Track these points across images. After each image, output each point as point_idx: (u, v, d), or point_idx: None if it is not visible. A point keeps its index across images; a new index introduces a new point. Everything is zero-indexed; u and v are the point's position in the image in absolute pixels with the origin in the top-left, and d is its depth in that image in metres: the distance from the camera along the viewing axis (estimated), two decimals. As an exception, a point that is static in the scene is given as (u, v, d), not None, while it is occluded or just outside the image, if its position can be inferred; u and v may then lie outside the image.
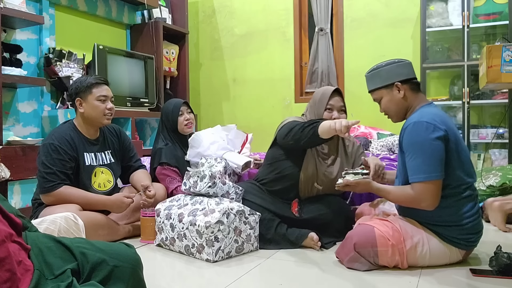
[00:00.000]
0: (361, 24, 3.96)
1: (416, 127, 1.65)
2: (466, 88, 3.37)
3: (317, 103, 2.16)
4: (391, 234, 1.69)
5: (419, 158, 1.63)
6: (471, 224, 1.69)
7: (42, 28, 3.15)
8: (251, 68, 4.44)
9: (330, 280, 1.69)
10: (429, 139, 1.62)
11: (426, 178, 1.62)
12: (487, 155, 3.37)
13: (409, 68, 1.81)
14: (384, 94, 1.82)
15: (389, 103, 1.82)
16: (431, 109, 1.74)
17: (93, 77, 2.29)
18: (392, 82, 1.78)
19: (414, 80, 1.81)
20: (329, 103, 2.13)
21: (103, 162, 2.32)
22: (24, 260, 0.99)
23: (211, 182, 2.07)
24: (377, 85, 1.82)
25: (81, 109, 2.24)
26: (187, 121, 2.75)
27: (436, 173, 1.61)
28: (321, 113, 2.13)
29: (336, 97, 2.15)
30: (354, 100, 3.97)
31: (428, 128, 1.63)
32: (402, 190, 1.71)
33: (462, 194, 1.69)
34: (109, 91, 2.30)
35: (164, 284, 1.69)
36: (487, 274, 1.65)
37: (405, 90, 1.79)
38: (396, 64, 1.79)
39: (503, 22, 3.31)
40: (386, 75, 1.79)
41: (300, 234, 2.05)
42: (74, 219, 1.49)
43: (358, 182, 1.79)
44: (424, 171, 1.62)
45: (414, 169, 1.64)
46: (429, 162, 1.61)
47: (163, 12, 4.20)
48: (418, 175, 1.63)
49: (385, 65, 1.81)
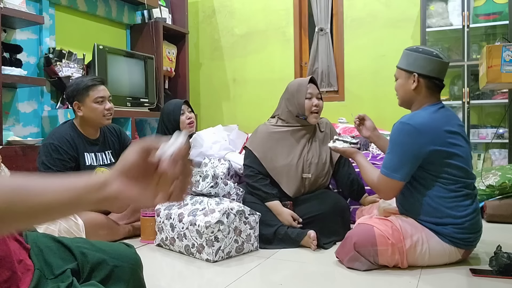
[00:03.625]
0: (361, 24, 3.96)
1: (401, 128, 1.71)
2: (466, 88, 3.37)
3: (296, 93, 2.26)
4: (391, 233, 1.70)
5: (391, 155, 1.73)
6: (468, 223, 1.69)
7: (42, 28, 3.15)
8: (251, 68, 4.44)
9: (330, 280, 1.69)
10: (406, 143, 1.69)
11: (387, 174, 1.73)
12: (487, 155, 3.37)
13: (437, 66, 1.76)
14: (402, 76, 1.83)
15: (400, 86, 1.84)
16: (425, 113, 1.74)
17: (88, 79, 2.26)
18: (412, 70, 1.78)
19: (436, 80, 1.78)
20: (308, 91, 2.23)
21: (103, 162, 2.32)
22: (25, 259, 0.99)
23: (213, 182, 2.07)
24: (401, 66, 1.83)
25: (80, 113, 2.23)
26: (189, 120, 2.75)
27: (397, 174, 1.71)
28: (302, 102, 2.23)
29: (312, 85, 2.28)
30: (354, 100, 3.98)
31: (410, 133, 1.68)
32: (372, 173, 1.82)
33: (458, 192, 1.70)
34: (106, 91, 2.27)
35: (164, 284, 1.69)
36: (487, 274, 1.65)
37: (420, 84, 1.77)
38: (428, 57, 1.76)
39: (503, 22, 3.31)
40: (413, 61, 1.78)
41: (300, 231, 2.07)
42: (74, 219, 1.49)
43: (344, 150, 1.98)
44: (389, 168, 1.72)
45: (384, 161, 1.76)
46: (397, 164, 1.71)
47: (163, 12, 4.20)
48: (384, 168, 1.74)
49: (421, 51, 1.78)
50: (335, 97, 4.10)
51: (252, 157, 2.25)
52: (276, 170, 2.22)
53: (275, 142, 2.26)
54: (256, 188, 2.19)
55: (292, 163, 2.21)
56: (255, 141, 2.29)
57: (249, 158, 2.27)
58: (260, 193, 2.18)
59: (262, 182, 2.20)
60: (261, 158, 2.23)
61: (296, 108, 2.25)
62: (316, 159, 2.24)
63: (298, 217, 2.13)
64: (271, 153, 2.24)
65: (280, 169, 2.21)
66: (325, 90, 4.15)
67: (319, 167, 2.24)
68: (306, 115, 2.23)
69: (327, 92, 4.16)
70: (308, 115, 2.23)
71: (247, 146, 2.31)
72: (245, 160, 2.31)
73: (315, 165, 2.23)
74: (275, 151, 2.24)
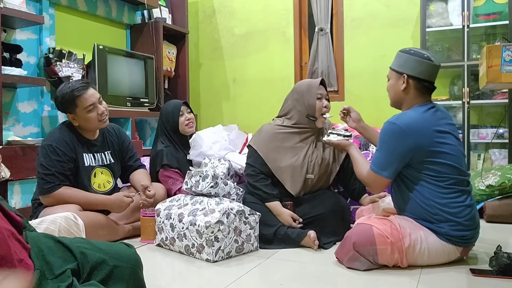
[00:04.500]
0: (361, 24, 3.96)
1: (387, 127, 1.76)
2: (466, 88, 3.37)
3: (306, 94, 2.26)
4: (390, 232, 1.70)
5: (380, 153, 1.79)
6: (463, 219, 1.70)
7: (42, 28, 3.15)
8: (251, 68, 4.44)
9: (330, 280, 1.69)
10: (392, 144, 1.74)
11: (375, 171, 1.79)
12: (487, 155, 3.37)
13: (427, 69, 1.78)
14: (393, 77, 1.86)
15: (391, 87, 1.88)
16: (413, 113, 1.76)
17: (71, 89, 2.12)
18: (402, 72, 1.81)
19: (426, 82, 1.80)
20: (318, 92, 2.25)
21: (102, 163, 2.32)
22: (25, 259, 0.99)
23: (213, 182, 2.07)
24: (393, 67, 1.87)
25: (76, 123, 2.21)
26: (188, 121, 2.74)
27: (385, 172, 1.76)
28: (313, 103, 2.23)
29: (321, 87, 2.30)
30: (354, 100, 3.97)
31: (395, 133, 1.73)
32: (363, 167, 1.87)
33: (450, 189, 1.71)
34: (93, 95, 2.17)
35: (164, 284, 1.69)
36: (487, 274, 1.65)
37: (410, 85, 1.80)
38: (418, 59, 1.78)
39: (503, 22, 3.31)
40: (403, 62, 1.81)
41: (300, 232, 2.07)
42: (74, 219, 1.49)
43: (338, 143, 2.06)
44: (377, 165, 1.78)
45: (374, 157, 1.82)
46: (384, 161, 1.77)
47: (163, 12, 4.20)
48: (373, 165, 1.81)
49: (412, 53, 1.80)
50: (335, 97, 4.10)
51: (256, 156, 2.25)
52: (280, 170, 2.21)
53: (279, 143, 2.25)
54: (256, 188, 2.20)
55: (296, 164, 2.21)
56: (259, 140, 2.27)
57: (253, 157, 2.26)
58: (261, 193, 2.18)
59: (263, 182, 2.20)
60: (265, 157, 2.22)
61: (306, 109, 2.24)
62: (319, 161, 2.24)
63: (298, 217, 2.13)
64: (276, 153, 2.23)
65: (285, 169, 2.21)
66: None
67: (322, 168, 2.24)
68: (316, 116, 2.23)
69: (327, 92, 4.16)
70: (318, 117, 2.23)
71: (251, 145, 2.29)
72: (248, 158, 2.30)
73: (318, 166, 2.23)
74: (280, 151, 2.23)
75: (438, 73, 1.85)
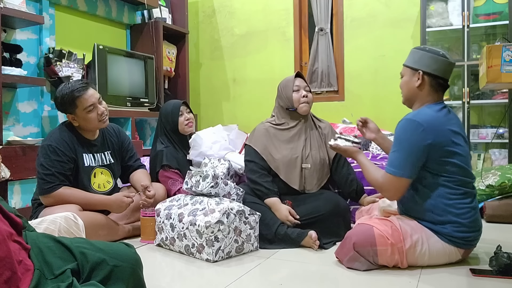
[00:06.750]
0: (361, 24, 3.96)
1: (407, 125, 1.71)
2: (466, 88, 3.37)
3: (284, 89, 2.35)
4: (390, 233, 1.70)
5: (398, 153, 1.71)
6: (467, 221, 1.69)
7: (42, 28, 3.15)
8: (251, 68, 4.44)
9: (330, 280, 1.69)
10: (412, 141, 1.68)
11: (394, 173, 1.70)
12: (487, 155, 3.37)
13: (443, 66, 1.77)
14: (407, 74, 1.84)
15: (405, 84, 1.86)
16: (430, 111, 1.74)
17: (71, 89, 2.12)
18: (417, 68, 1.79)
19: (441, 79, 1.79)
20: (294, 84, 2.31)
21: (102, 163, 2.32)
22: (24, 259, 0.99)
23: (213, 182, 2.07)
24: (407, 63, 1.85)
25: (75, 123, 2.21)
26: (187, 121, 2.74)
27: (405, 172, 1.69)
28: (290, 95, 2.31)
29: (299, 79, 2.36)
30: (354, 100, 3.98)
31: (416, 129, 1.68)
32: (375, 173, 1.79)
33: (458, 190, 1.70)
34: (93, 95, 2.16)
35: (164, 284, 1.69)
36: (487, 274, 1.65)
37: (424, 82, 1.78)
38: (434, 56, 1.77)
39: (503, 22, 3.31)
40: (419, 59, 1.80)
41: (300, 231, 2.06)
42: (74, 219, 1.49)
43: (346, 149, 1.95)
44: (396, 166, 1.70)
45: (390, 160, 1.74)
46: (403, 161, 1.69)
47: (163, 12, 4.20)
48: (391, 167, 1.72)
49: (427, 50, 1.79)
50: (335, 97, 4.10)
51: (253, 153, 2.29)
52: (276, 162, 2.26)
53: (273, 136, 2.32)
54: (257, 184, 2.21)
55: (291, 154, 2.26)
56: (253, 138, 2.34)
57: (250, 154, 2.31)
58: (261, 189, 2.20)
59: (264, 178, 2.23)
60: (261, 152, 2.28)
61: (285, 102, 2.33)
62: (314, 151, 2.30)
63: (295, 213, 2.13)
64: (270, 146, 2.29)
65: (280, 160, 2.25)
66: (325, 90, 4.16)
67: (317, 159, 2.28)
68: (296, 107, 2.30)
69: (327, 92, 4.17)
70: (297, 106, 2.30)
71: (247, 144, 2.36)
72: (246, 156, 2.34)
73: (313, 156, 2.28)
74: (274, 144, 2.30)
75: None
